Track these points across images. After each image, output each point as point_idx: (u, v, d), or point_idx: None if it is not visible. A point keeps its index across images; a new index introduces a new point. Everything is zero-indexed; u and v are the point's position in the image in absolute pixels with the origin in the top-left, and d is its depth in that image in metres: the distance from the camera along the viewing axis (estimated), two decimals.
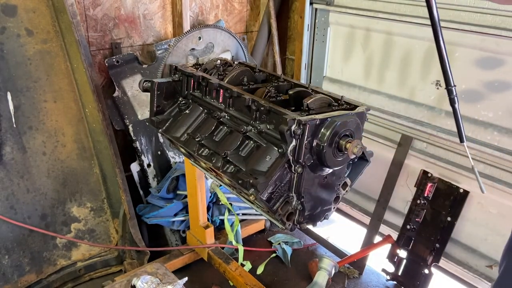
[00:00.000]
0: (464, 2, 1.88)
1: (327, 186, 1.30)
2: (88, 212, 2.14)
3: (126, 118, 2.29)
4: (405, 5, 2.12)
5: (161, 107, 1.50)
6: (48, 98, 1.99)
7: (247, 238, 2.47)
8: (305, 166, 1.18)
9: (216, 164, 1.27)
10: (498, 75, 1.84)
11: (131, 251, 2.16)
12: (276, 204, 1.20)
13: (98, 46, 2.28)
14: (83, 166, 2.11)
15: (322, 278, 2.00)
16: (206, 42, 1.65)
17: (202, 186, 2.00)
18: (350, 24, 2.41)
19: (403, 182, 2.27)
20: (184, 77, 1.48)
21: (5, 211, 1.89)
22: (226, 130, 1.33)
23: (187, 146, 1.38)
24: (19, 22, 1.88)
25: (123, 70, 2.30)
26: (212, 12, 2.68)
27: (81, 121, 2.08)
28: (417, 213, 2.15)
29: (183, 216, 2.27)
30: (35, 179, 1.98)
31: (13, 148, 1.90)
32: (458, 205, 2.03)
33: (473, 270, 2.07)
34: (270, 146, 1.18)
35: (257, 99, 1.24)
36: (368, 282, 2.27)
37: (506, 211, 1.93)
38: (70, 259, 2.10)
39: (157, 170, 2.40)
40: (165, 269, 1.64)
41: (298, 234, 2.58)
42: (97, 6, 2.21)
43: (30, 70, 1.93)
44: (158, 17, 2.46)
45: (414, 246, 2.16)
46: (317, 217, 1.34)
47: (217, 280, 2.18)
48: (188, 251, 2.22)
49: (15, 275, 1.93)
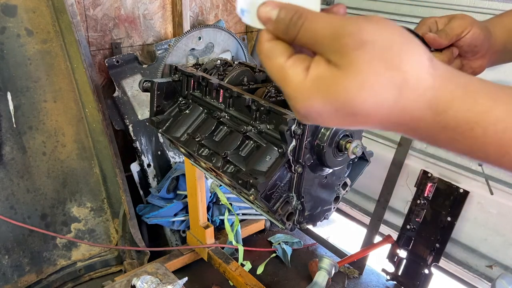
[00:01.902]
0: (464, 2, 1.88)
1: (327, 186, 1.30)
2: (88, 212, 2.14)
3: (126, 118, 2.29)
4: (405, 5, 2.12)
5: (161, 107, 1.50)
6: (48, 98, 1.99)
7: (247, 238, 2.47)
8: (305, 166, 1.18)
9: (216, 164, 1.27)
10: (498, 75, 1.84)
11: (131, 251, 2.16)
12: (276, 204, 1.20)
13: (98, 46, 2.28)
14: (83, 166, 2.11)
15: (322, 278, 2.00)
16: (206, 42, 1.65)
17: (202, 186, 2.00)
18: None
19: (403, 182, 2.27)
20: (184, 77, 1.48)
21: (5, 211, 1.89)
22: (226, 130, 1.33)
23: (187, 146, 1.37)
24: (19, 22, 1.88)
25: (123, 70, 2.30)
26: (212, 12, 2.68)
27: (81, 121, 2.08)
28: (417, 213, 2.15)
29: (183, 216, 2.27)
30: (35, 179, 1.97)
31: (13, 148, 1.90)
32: (458, 205, 2.03)
33: (473, 270, 2.07)
34: (270, 146, 1.18)
35: (257, 99, 1.24)
36: (368, 282, 2.27)
37: (506, 211, 1.93)
38: (70, 259, 2.10)
39: (157, 170, 2.40)
40: (165, 269, 1.64)
41: (298, 234, 2.58)
42: (97, 6, 2.21)
43: (30, 70, 1.93)
44: (158, 17, 2.46)
45: (414, 246, 2.16)
46: (317, 217, 1.34)
47: (217, 280, 2.18)
48: (188, 251, 2.22)
49: (15, 275, 1.93)
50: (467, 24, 0.84)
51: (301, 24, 0.44)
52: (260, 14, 0.47)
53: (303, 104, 0.45)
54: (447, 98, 0.41)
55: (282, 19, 0.46)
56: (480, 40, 0.85)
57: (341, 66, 0.42)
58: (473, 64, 0.90)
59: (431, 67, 0.42)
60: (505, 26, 0.90)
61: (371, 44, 0.41)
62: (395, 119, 0.43)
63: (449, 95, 0.41)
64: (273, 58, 0.47)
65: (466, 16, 0.85)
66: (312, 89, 0.43)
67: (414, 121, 0.43)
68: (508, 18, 0.91)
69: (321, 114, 0.44)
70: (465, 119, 0.41)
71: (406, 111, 0.42)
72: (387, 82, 0.41)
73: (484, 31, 0.86)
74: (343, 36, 0.41)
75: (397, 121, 0.43)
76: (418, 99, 0.41)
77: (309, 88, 0.44)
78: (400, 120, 0.43)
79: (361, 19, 0.42)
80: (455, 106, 0.41)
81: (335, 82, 0.42)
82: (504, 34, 0.89)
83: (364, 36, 0.41)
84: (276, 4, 0.47)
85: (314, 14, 0.45)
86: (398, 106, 0.42)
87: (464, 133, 0.42)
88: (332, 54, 0.43)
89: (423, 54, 0.42)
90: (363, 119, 0.43)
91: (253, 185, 1.12)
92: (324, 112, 0.44)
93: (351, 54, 0.41)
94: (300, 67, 0.45)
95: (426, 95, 0.41)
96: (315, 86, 0.43)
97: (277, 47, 0.47)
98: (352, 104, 0.42)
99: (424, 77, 0.41)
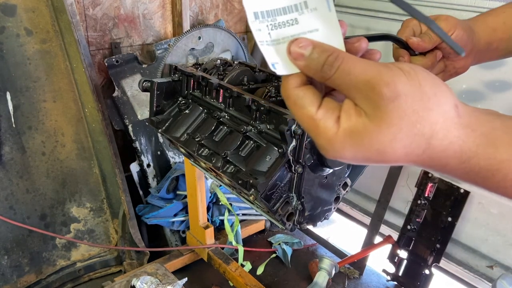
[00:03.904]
0: (465, 2, 1.88)
1: (328, 186, 1.30)
2: (87, 212, 2.14)
3: (126, 118, 2.28)
4: None
5: (160, 107, 1.50)
6: (48, 98, 1.98)
7: (247, 238, 2.46)
8: (306, 166, 1.17)
9: (216, 164, 1.26)
10: (499, 75, 1.84)
11: (130, 252, 2.16)
12: (276, 204, 1.19)
13: (98, 45, 2.27)
14: (83, 166, 2.10)
15: (322, 278, 2.00)
16: (206, 41, 1.64)
17: (202, 186, 2.00)
18: (350, 23, 2.41)
19: (404, 182, 2.27)
20: (184, 77, 1.48)
21: (4, 211, 1.88)
22: (226, 130, 1.32)
23: (187, 146, 1.37)
24: (19, 22, 1.87)
25: (123, 70, 2.29)
26: (212, 12, 2.67)
27: (80, 121, 2.07)
28: (418, 214, 2.15)
29: (183, 216, 2.26)
30: (34, 179, 1.97)
31: (12, 148, 1.90)
32: (458, 206, 2.02)
33: (474, 271, 2.07)
34: (270, 146, 1.17)
35: (257, 99, 1.24)
36: (369, 283, 2.26)
37: (507, 211, 1.92)
38: (70, 259, 2.10)
39: (157, 170, 2.40)
40: (165, 269, 1.63)
41: (298, 235, 2.58)
42: (97, 5, 2.20)
43: (30, 70, 1.92)
44: (157, 16, 2.45)
45: (415, 247, 2.15)
46: (317, 217, 1.34)
47: (217, 281, 2.18)
48: (188, 251, 2.21)
49: (14, 275, 1.92)
50: (450, 26, 0.84)
51: (337, 66, 0.45)
52: (292, 50, 0.48)
53: (335, 154, 0.47)
54: (470, 147, 0.45)
55: (317, 58, 0.47)
56: (463, 41, 0.86)
57: (373, 117, 0.44)
58: (456, 64, 0.91)
59: (456, 116, 0.45)
60: (489, 25, 0.90)
61: (404, 98, 0.43)
62: (422, 163, 0.47)
63: (473, 144, 0.45)
64: (303, 108, 0.48)
65: (449, 17, 0.86)
66: (344, 143, 0.46)
67: (440, 166, 0.46)
68: (492, 17, 0.91)
69: (351, 160, 0.47)
70: (487, 167, 0.45)
71: (433, 159, 0.46)
72: (417, 134, 0.44)
73: (468, 32, 0.86)
74: (379, 85, 0.43)
75: (424, 164, 0.47)
76: (444, 149, 0.45)
77: (342, 142, 0.46)
78: (427, 164, 0.47)
79: (395, 69, 0.44)
80: (478, 154, 0.45)
81: (368, 135, 0.44)
82: (488, 34, 0.90)
83: (398, 88, 0.43)
84: (309, 42, 0.48)
85: (351, 57, 0.46)
86: (426, 154, 0.45)
87: (485, 177, 0.46)
88: (364, 102, 0.44)
89: (449, 103, 0.45)
90: (392, 163, 0.47)
91: (253, 185, 1.12)
92: (355, 160, 0.47)
93: (385, 107, 0.43)
94: (331, 119, 0.46)
95: (452, 145, 0.45)
96: (348, 139, 0.45)
97: (306, 96, 0.48)
98: (384, 154, 0.45)
99: (450, 128, 0.44)
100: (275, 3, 0.49)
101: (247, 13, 0.49)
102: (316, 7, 0.49)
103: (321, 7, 0.49)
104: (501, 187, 0.46)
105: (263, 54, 0.49)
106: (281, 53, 0.49)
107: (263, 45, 0.49)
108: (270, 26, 0.49)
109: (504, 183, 0.45)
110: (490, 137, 0.45)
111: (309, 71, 0.48)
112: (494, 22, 0.90)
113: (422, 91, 0.44)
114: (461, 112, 0.45)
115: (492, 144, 0.44)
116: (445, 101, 0.44)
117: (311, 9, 0.49)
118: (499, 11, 0.91)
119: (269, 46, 0.49)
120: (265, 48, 0.49)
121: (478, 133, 0.45)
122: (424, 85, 0.44)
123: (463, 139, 0.44)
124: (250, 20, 0.49)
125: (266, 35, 0.49)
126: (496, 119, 0.46)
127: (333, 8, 0.49)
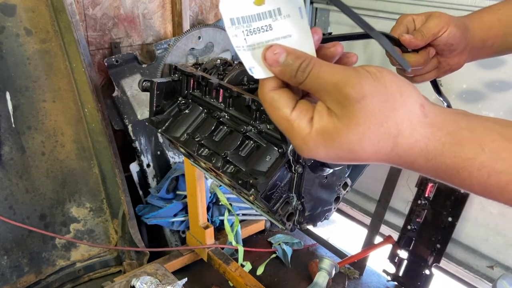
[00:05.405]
0: (465, 2, 1.87)
1: (328, 187, 1.30)
2: (87, 213, 2.14)
3: (126, 118, 2.28)
4: (406, 5, 2.11)
5: (160, 107, 1.49)
6: (47, 98, 1.98)
7: (247, 238, 2.46)
8: (306, 166, 1.17)
9: (216, 164, 1.26)
10: (499, 75, 1.83)
11: (130, 252, 2.15)
12: (276, 204, 1.19)
13: (97, 45, 2.27)
14: (82, 166, 2.10)
15: (322, 278, 1.99)
16: (205, 41, 1.64)
17: (202, 186, 1.99)
18: (350, 23, 2.40)
19: (404, 182, 2.27)
20: (184, 76, 1.47)
21: (4, 211, 1.88)
22: (226, 130, 1.32)
23: (187, 146, 1.37)
24: (18, 22, 1.87)
25: (123, 70, 2.29)
26: (212, 12, 2.67)
27: (80, 121, 2.07)
28: (418, 214, 2.14)
29: (182, 216, 2.26)
30: (34, 179, 1.97)
31: (12, 148, 1.89)
32: (459, 206, 2.02)
33: (474, 271, 2.07)
34: (270, 146, 1.17)
35: (257, 98, 1.23)
36: (369, 283, 2.26)
37: (507, 211, 1.92)
38: (69, 259, 2.10)
39: (157, 170, 2.39)
40: (165, 269, 1.63)
41: (298, 235, 2.58)
42: (96, 5, 2.20)
43: (29, 70, 1.92)
44: (157, 16, 2.45)
45: (415, 247, 2.15)
46: (317, 217, 1.34)
47: (217, 281, 2.18)
48: (187, 251, 2.21)
49: (14, 275, 1.92)
50: (443, 23, 0.85)
51: (309, 71, 0.48)
52: (267, 56, 0.50)
53: (309, 153, 0.50)
54: (436, 146, 0.46)
55: (291, 65, 0.49)
56: (456, 39, 0.86)
57: (342, 117, 0.46)
58: (450, 61, 0.91)
59: (422, 116, 0.47)
60: (484, 22, 0.90)
61: (370, 98, 0.45)
62: (392, 161, 0.49)
63: (438, 143, 0.46)
64: (278, 110, 0.50)
65: (443, 14, 0.86)
66: (317, 142, 0.48)
67: (408, 163, 0.48)
68: (487, 14, 0.91)
69: (325, 159, 0.50)
70: (453, 165, 0.46)
71: (401, 157, 0.48)
72: (384, 133, 0.46)
73: (461, 29, 0.86)
74: (346, 87, 0.46)
75: (394, 162, 0.49)
76: (411, 148, 0.47)
77: (315, 141, 0.48)
78: (396, 162, 0.49)
79: (362, 72, 0.47)
80: (444, 153, 0.46)
81: (338, 135, 0.47)
82: (483, 31, 0.90)
83: (364, 89, 0.45)
84: (283, 49, 0.50)
85: (321, 63, 0.49)
86: (394, 152, 0.47)
87: (452, 175, 0.47)
88: (334, 103, 0.47)
89: (415, 103, 0.47)
90: (363, 161, 0.49)
91: (253, 185, 1.12)
92: (329, 158, 0.49)
93: (352, 107, 0.45)
94: (305, 119, 0.49)
95: (418, 143, 0.46)
96: (320, 139, 0.48)
97: (281, 98, 0.50)
98: (354, 153, 0.47)
99: (416, 127, 0.46)
100: (250, 10, 0.51)
101: (223, 19, 0.51)
102: (289, 14, 0.51)
103: (294, 15, 0.51)
104: (467, 185, 0.47)
105: (240, 59, 0.52)
106: (257, 58, 0.51)
107: (240, 50, 0.52)
108: (245, 32, 0.51)
109: (470, 181, 0.47)
110: (456, 136, 0.46)
111: (283, 76, 0.50)
112: (489, 19, 0.90)
113: (388, 92, 0.46)
114: (427, 112, 0.47)
115: (458, 143, 0.46)
116: (410, 102, 0.46)
117: (284, 16, 0.51)
118: (494, 8, 0.91)
119: (246, 51, 0.52)
120: (242, 53, 0.52)
121: (444, 132, 0.46)
122: (390, 86, 0.46)
123: (429, 138, 0.46)
124: (227, 26, 0.51)
125: (242, 40, 0.52)
126: (463, 118, 0.47)
127: (305, 16, 0.51)
